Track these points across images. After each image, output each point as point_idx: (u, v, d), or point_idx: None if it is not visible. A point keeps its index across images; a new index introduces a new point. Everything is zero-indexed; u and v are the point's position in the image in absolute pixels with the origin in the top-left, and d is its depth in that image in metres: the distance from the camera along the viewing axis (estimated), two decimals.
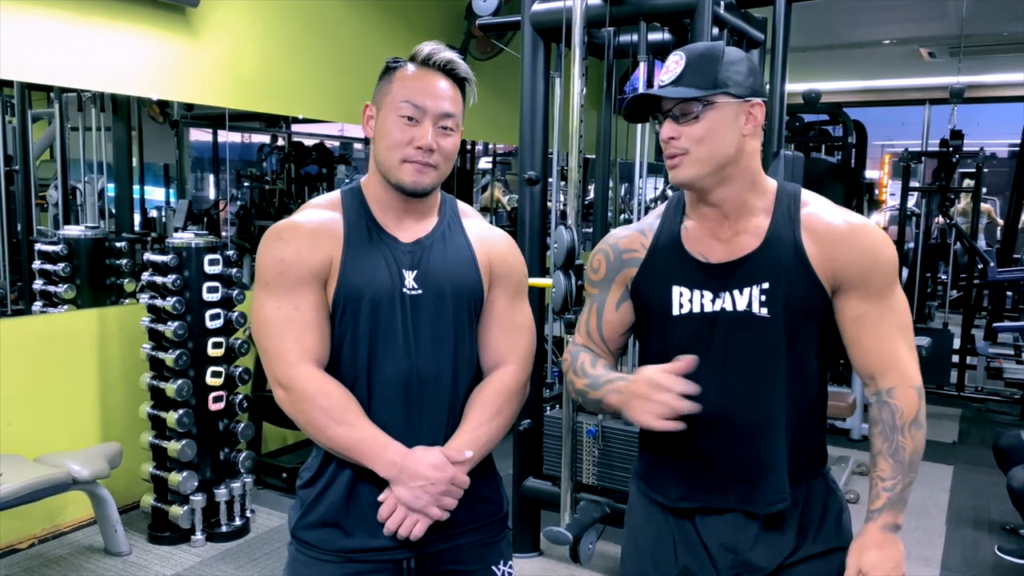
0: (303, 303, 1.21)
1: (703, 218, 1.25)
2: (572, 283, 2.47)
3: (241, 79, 3.61)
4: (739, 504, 1.22)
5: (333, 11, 4.05)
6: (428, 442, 1.23)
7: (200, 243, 3.01)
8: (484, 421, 1.27)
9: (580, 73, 2.53)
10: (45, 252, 3.35)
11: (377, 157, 1.25)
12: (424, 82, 1.23)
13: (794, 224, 1.19)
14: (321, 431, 1.20)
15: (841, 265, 1.17)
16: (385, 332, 1.22)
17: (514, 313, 1.33)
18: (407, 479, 1.19)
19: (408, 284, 1.24)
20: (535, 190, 2.87)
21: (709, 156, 1.17)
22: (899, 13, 5.35)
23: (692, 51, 1.19)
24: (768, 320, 1.18)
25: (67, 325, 3.17)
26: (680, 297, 1.22)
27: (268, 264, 1.23)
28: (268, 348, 1.22)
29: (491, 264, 1.31)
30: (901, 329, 1.20)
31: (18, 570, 2.80)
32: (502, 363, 1.31)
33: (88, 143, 3.72)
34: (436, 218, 1.31)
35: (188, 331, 2.96)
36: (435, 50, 1.25)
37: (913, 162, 5.59)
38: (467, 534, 1.29)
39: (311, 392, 1.20)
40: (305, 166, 5.69)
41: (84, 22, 3.00)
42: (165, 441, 2.98)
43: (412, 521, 1.20)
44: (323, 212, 1.27)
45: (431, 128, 1.21)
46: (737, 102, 1.17)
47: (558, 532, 2.58)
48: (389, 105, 1.23)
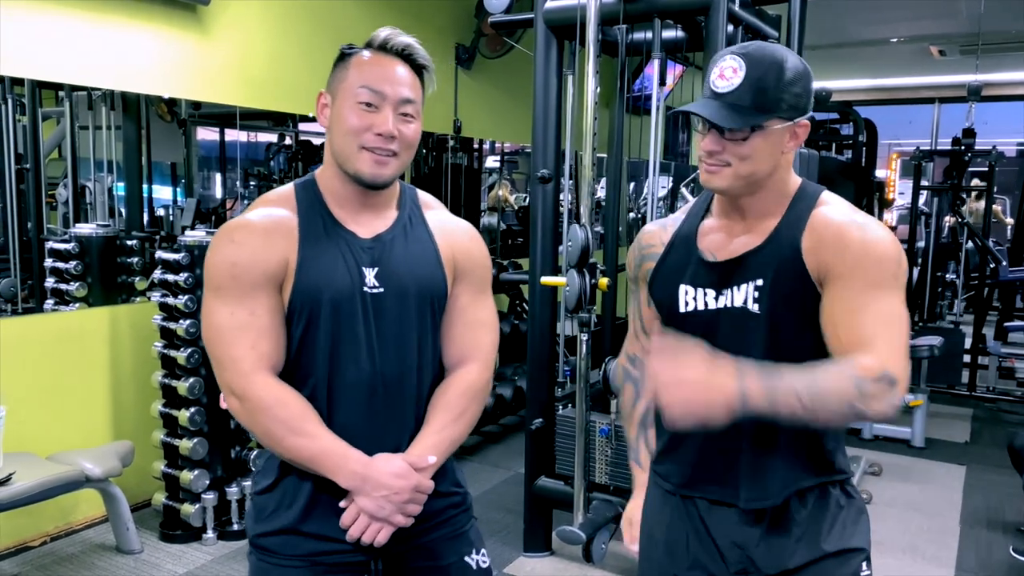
0: (258, 308, 1.15)
1: (725, 216, 1.25)
2: (587, 282, 2.46)
3: (252, 77, 3.60)
4: (730, 498, 1.22)
5: (343, 9, 4.04)
6: (391, 445, 1.20)
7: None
8: (447, 423, 1.23)
9: (594, 71, 2.52)
10: (57, 250, 3.35)
11: (333, 147, 1.19)
12: (382, 67, 1.18)
13: (801, 223, 1.17)
14: (278, 442, 1.16)
15: (827, 258, 1.12)
16: (346, 333, 1.17)
17: (477, 309, 1.29)
18: (370, 489, 1.15)
19: (369, 282, 1.18)
20: (547, 188, 2.86)
21: (749, 173, 1.16)
22: (910, 11, 5.31)
23: (753, 62, 1.13)
24: (759, 316, 1.18)
25: (80, 323, 3.17)
26: (685, 295, 1.23)
27: (219, 267, 1.16)
28: (220, 356, 1.16)
29: (455, 259, 1.27)
30: (886, 323, 1.08)
31: (31, 568, 2.80)
32: (465, 361, 1.27)
33: (98, 142, 3.73)
34: (396, 211, 1.25)
35: (199, 329, 2.95)
36: (392, 34, 1.20)
37: (925, 160, 5.56)
38: (433, 530, 1.26)
39: (268, 402, 1.15)
40: (313, 164, 5.70)
41: (96, 20, 3.00)
42: (177, 439, 2.98)
43: (376, 528, 1.17)
44: (276, 209, 1.20)
45: (391, 114, 1.16)
46: (786, 124, 1.14)
47: (571, 531, 2.58)
48: (345, 92, 1.17)
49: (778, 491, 1.20)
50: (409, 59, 1.21)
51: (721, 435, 1.18)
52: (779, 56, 1.14)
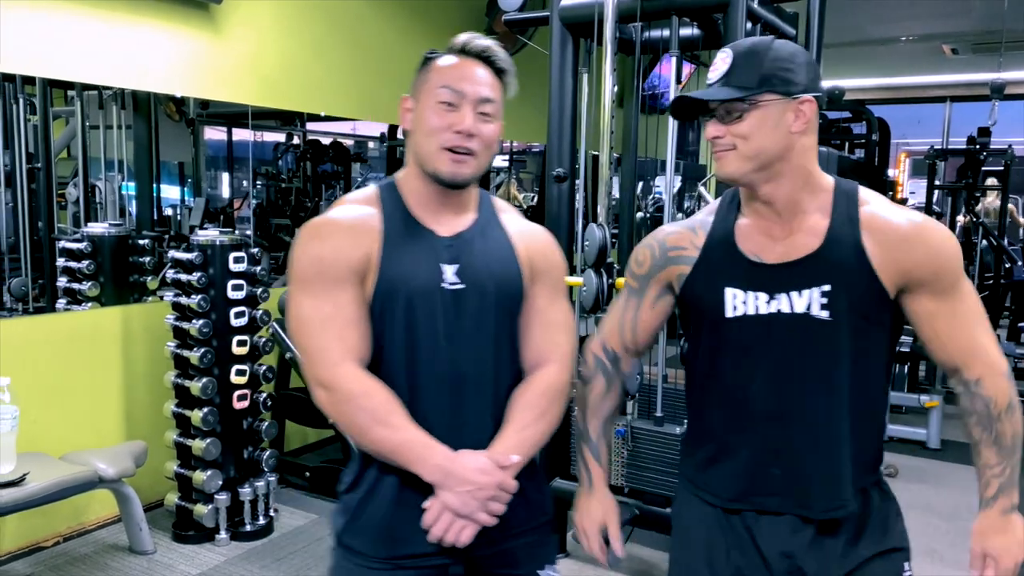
0: (343, 300, 1.18)
1: (757, 215, 1.21)
2: (604, 281, 2.43)
3: (264, 76, 3.59)
4: (797, 509, 1.19)
5: (354, 8, 4.03)
6: (470, 443, 1.20)
7: (225, 241, 3.00)
8: (530, 423, 1.22)
9: (611, 69, 2.50)
10: (69, 249, 3.34)
11: (415, 148, 1.22)
12: (462, 69, 1.21)
13: (854, 224, 1.16)
14: (364, 433, 1.17)
15: (908, 266, 1.14)
16: (424, 329, 1.19)
17: (554, 310, 1.30)
18: (453, 484, 1.15)
19: (448, 279, 1.20)
20: (563, 188, 2.83)
21: (755, 153, 1.14)
22: (923, 8, 5.28)
23: (739, 48, 1.16)
24: (829, 323, 1.15)
25: (92, 323, 3.16)
26: (734, 299, 1.19)
27: (306, 262, 1.19)
28: (309, 348, 1.19)
29: (532, 260, 1.28)
30: (977, 317, 1.19)
31: (43, 568, 2.79)
32: (544, 362, 1.27)
33: (108, 141, 3.72)
34: (475, 213, 1.28)
35: (213, 329, 2.94)
36: (471, 37, 1.23)
37: (939, 160, 5.53)
38: (516, 537, 1.25)
39: (355, 393, 1.16)
40: (322, 164, 5.69)
41: (109, 19, 2.99)
42: (190, 439, 2.96)
43: (459, 527, 1.16)
44: (360, 207, 1.24)
45: (470, 113, 1.19)
46: (784, 100, 1.13)
47: None
48: (427, 94, 1.21)
49: (851, 497, 1.19)
50: (489, 61, 1.23)
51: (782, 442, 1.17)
52: (766, 39, 1.18)
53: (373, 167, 6.35)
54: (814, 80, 1.16)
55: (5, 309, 3.33)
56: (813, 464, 1.18)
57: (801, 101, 1.14)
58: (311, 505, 3.38)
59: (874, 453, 1.24)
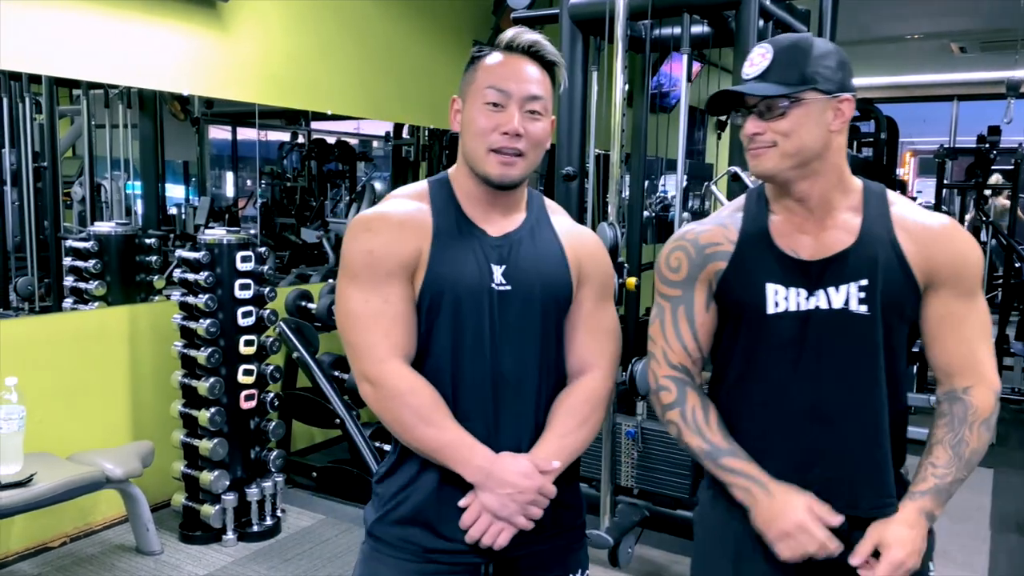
0: (392, 296, 1.17)
1: (788, 212, 1.20)
2: (615, 281, 2.41)
3: (271, 75, 3.58)
4: (844, 508, 1.17)
5: (361, 7, 4.01)
6: (510, 445, 1.19)
7: (232, 240, 2.98)
8: (572, 429, 1.21)
9: (623, 67, 2.48)
10: (76, 248, 3.33)
11: (464, 149, 1.22)
12: (509, 67, 1.19)
13: (887, 222, 1.16)
14: (409, 430, 1.17)
15: (936, 264, 1.15)
16: (470, 328, 1.18)
17: (601, 316, 1.28)
18: (494, 486, 1.15)
19: (496, 279, 1.19)
20: (572, 186, 2.82)
21: (796, 150, 1.13)
22: (932, 6, 5.25)
23: (779, 43, 1.15)
24: (867, 318, 1.14)
25: (99, 322, 3.15)
26: (775, 295, 1.17)
27: (356, 255, 1.18)
28: (356, 342, 1.18)
29: (580, 263, 1.26)
30: (984, 332, 1.19)
31: (50, 568, 2.78)
32: (589, 368, 1.25)
33: (114, 140, 3.71)
34: (524, 213, 1.26)
35: (220, 328, 2.93)
36: (517, 32, 1.21)
37: (948, 159, 5.50)
38: (548, 540, 1.24)
39: (401, 390, 1.16)
40: (327, 163, 5.68)
41: (115, 17, 2.98)
42: (197, 439, 2.95)
43: (497, 529, 1.16)
44: (411, 203, 1.23)
45: (517, 112, 1.17)
46: (825, 98, 1.13)
47: (598, 535, 2.54)
48: (474, 94, 1.19)
49: (894, 493, 1.18)
50: (537, 56, 1.21)
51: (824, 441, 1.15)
52: (806, 36, 1.16)
53: (378, 166, 6.33)
54: (850, 79, 1.16)
55: (11, 308, 3.32)
56: (858, 461, 1.17)
57: (841, 100, 1.14)
58: (318, 506, 3.36)
59: (903, 450, 1.24)
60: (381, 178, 6.13)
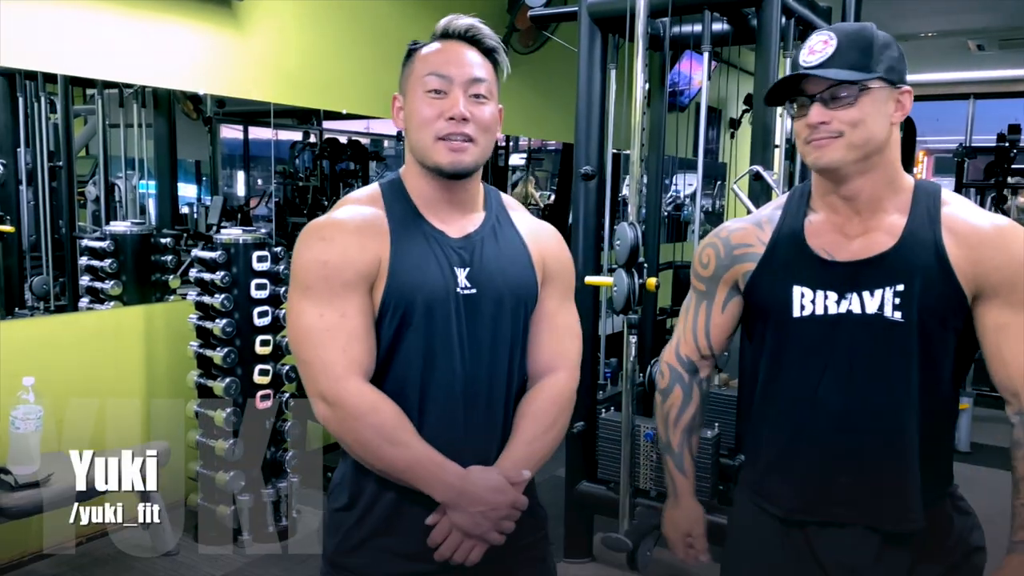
0: (349, 309, 1.09)
1: (832, 211, 1.15)
2: (635, 281, 2.38)
3: (286, 74, 3.57)
4: (865, 520, 1.13)
5: (375, 5, 4.00)
6: (480, 454, 1.14)
7: (248, 239, 2.97)
8: (538, 434, 1.17)
9: (643, 65, 2.44)
10: (92, 248, 3.33)
11: (411, 143, 1.16)
12: (447, 52, 1.14)
13: (934, 224, 1.10)
14: (372, 452, 1.10)
15: (986, 269, 1.08)
16: (440, 336, 1.12)
17: (564, 315, 1.24)
18: (467, 504, 1.09)
19: (461, 283, 1.14)
20: (590, 186, 2.79)
21: (863, 141, 1.08)
22: (949, 4, 5.19)
23: (843, 31, 1.10)
24: (902, 325, 1.09)
25: (115, 322, 3.15)
26: (802, 298, 1.13)
27: (309, 266, 1.10)
28: (310, 360, 1.10)
29: (544, 262, 1.22)
30: None
31: (67, 568, 2.78)
32: (552, 369, 1.21)
33: (128, 139, 3.71)
34: (483, 211, 1.21)
35: (236, 328, 2.92)
36: (453, 18, 1.16)
37: (967, 158, 5.44)
38: (519, 551, 1.20)
39: (362, 409, 1.08)
40: (340, 162, 5.67)
41: (131, 16, 2.97)
42: (212, 440, 2.94)
43: (469, 547, 1.11)
44: (365, 208, 1.16)
45: (461, 96, 1.11)
46: (889, 88, 1.09)
47: (617, 538, 2.51)
48: (414, 85, 1.14)
49: (920, 510, 1.13)
50: (475, 41, 1.16)
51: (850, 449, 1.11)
52: (868, 26, 1.12)
53: (390, 165, 6.33)
54: (906, 69, 1.12)
55: (27, 308, 3.32)
56: (882, 473, 1.13)
57: (902, 91, 1.10)
58: None
59: (946, 464, 1.19)
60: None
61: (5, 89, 3.05)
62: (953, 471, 1.22)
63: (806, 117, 1.10)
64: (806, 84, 1.10)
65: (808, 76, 1.09)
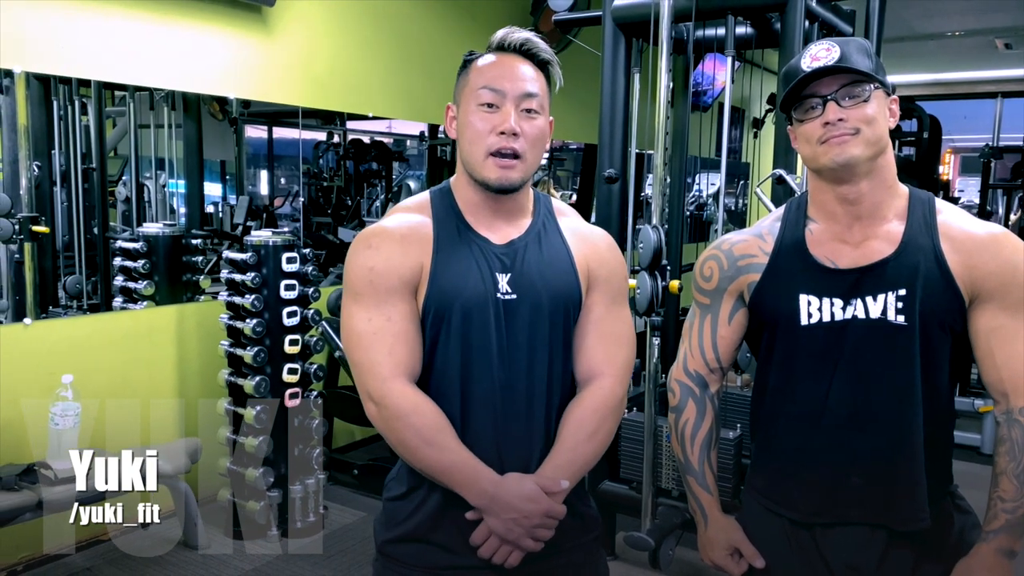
0: (394, 313, 1.14)
1: (831, 220, 1.19)
2: (658, 284, 2.41)
3: (314, 78, 3.62)
4: (879, 518, 1.16)
5: (401, 8, 4.05)
6: (521, 460, 1.16)
7: (278, 241, 3.03)
8: (580, 441, 1.17)
9: (667, 68, 2.47)
10: (125, 249, 3.41)
11: (462, 155, 1.19)
12: (502, 66, 1.17)
13: (931, 230, 1.14)
14: (412, 452, 1.14)
15: (981, 274, 1.12)
16: (478, 340, 1.15)
17: (613, 321, 1.23)
18: (499, 510, 1.11)
19: (502, 288, 1.16)
20: (614, 188, 2.82)
21: (877, 138, 1.12)
22: (979, 2, 5.14)
23: (840, 40, 1.16)
24: (905, 328, 1.12)
25: (148, 321, 3.22)
26: (808, 306, 1.16)
27: (357, 273, 1.16)
28: (360, 361, 1.15)
29: (589, 266, 1.23)
30: None
31: (102, 561, 2.86)
32: (598, 375, 1.21)
33: (158, 141, 3.79)
34: (530, 218, 1.22)
35: (266, 328, 2.98)
36: (509, 32, 1.19)
37: (994, 157, 5.38)
38: (565, 553, 1.21)
39: (404, 410, 1.13)
40: (364, 163, 5.73)
41: (163, 22, 3.04)
42: (242, 437, 3.01)
43: (506, 552, 1.13)
44: (412, 216, 1.20)
45: (513, 111, 1.14)
46: (885, 95, 1.15)
47: (640, 537, 2.54)
48: (468, 97, 1.17)
49: (927, 508, 1.16)
50: (530, 55, 1.19)
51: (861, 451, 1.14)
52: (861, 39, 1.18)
53: (412, 166, 6.38)
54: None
55: (60, 306, 3.41)
56: (894, 472, 1.15)
57: (893, 100, 1.16)
58: (360, 503, 3.41)
59: (946, 464, 1.22)
60: (415, 177, 6.17)
61: (40, 93, 3.13)
62: (952, 471, 1.24)
63: (822, 116, 1.12)
64: (817, 86, 1.12)
65: (819, 79, 1.12)
